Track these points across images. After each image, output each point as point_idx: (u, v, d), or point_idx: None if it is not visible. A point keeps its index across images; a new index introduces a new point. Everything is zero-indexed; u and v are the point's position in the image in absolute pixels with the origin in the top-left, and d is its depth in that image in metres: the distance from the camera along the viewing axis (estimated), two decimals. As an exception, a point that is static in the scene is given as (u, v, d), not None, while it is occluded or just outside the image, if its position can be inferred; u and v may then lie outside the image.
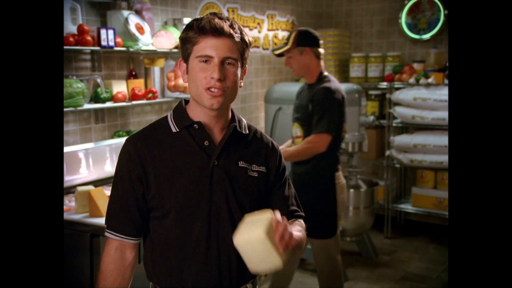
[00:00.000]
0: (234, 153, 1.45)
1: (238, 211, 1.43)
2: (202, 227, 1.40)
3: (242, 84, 1.46)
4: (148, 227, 1.47)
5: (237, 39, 1.38)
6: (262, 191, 1.49)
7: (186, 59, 1.42)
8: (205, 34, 1.36)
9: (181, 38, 1.42)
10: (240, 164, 1.45)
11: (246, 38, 1.41)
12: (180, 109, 1.48)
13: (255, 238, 1.22)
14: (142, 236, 1.51)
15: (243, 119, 1.54)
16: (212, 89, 1.36)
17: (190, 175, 1.40)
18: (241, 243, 1.26)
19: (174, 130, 1.44)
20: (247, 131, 1.51)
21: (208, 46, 1.36)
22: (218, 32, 1.35)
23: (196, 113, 1.44)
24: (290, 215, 1.54)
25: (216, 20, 1.36)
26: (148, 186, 1.40)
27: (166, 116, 1.49)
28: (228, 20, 1.39)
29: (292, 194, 1.58)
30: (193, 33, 1.37)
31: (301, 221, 1.56)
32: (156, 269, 1.46)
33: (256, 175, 1.47)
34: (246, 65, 1.47)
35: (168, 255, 1.43)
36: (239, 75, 1.41)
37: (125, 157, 1.42)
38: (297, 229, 1.43)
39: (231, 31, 1.37)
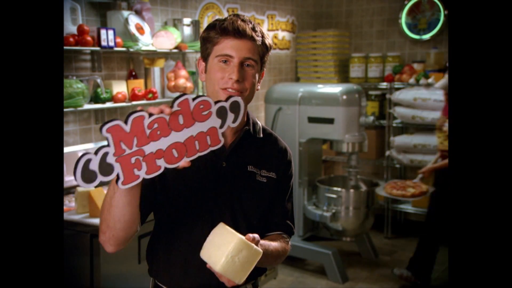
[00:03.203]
0: (244, 157, 1.44)
1: (242, 214, 1.43)
2: (205, 228, 1.40)
3: (259, 87, 1.45)
4: (146, 218, 1.46)
5: (258, 42, 1.37)
6: (270, 197, 1.48)
7: (205, 58, 1.42)
8: (227, 34, 1.36)
9: (201, 38, 1.42)
10: (249, 168, 1.44)
11: (267, 42, 1.41)
12: None
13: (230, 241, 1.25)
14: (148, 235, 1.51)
15: (258, 122, 1.53)
16: (229, 90, 1.36)
17: (197, 175, 1.39)
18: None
19: None
20: (261, 135, 1.50)
21: (228, 46, 1.35)
22: (240, 33, 1.35)
23: None
24: (280, 227, 1.53)
25: (239, 22, 1.36)
26: (153, 182, 1.40)
27: None
28: (251, 23, 1.38)
29: (290, 206, 1.56)
30: (215, 33, 1.37)
31: (288, 239, 1.54)
32: (158, 266, 1.47)
33: (265, 181, 1.46)
34: (264, 69, 1.46)
35: (170, 253, 1.44)
36: (257, 78, 1.41)
37: None
38: (274, 244, 1.44)
39: (253, 34, 1.36)
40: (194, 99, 1.19)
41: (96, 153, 1.09)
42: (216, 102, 1.22)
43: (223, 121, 1.24)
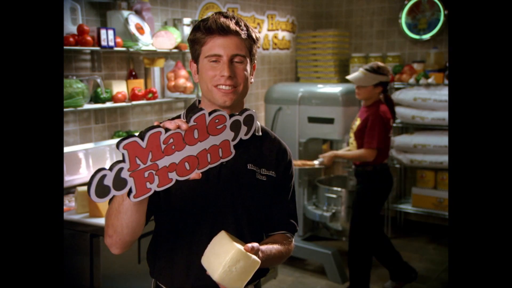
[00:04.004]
0: (244, 155, 1.44)
1: (243, 212, 1.43)
2: (206, 227, 1.40)
3: (252, 80, 1.47)
4: (149, 219, 1.47)
5: (244, 36, 1.38)
6: (271, 196, 1.48)
7: (196, 60, 1.43)
8: (212, 33, 1.37)
9: (189, 40, 1.44)
10: (248, 167, 1.44)
11: (253, 34, 1.42)
12: (193, 108, 1.49)
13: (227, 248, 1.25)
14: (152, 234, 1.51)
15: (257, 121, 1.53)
16: (223, 87, 1.37)
17: None
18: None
19: None
20: (260, 133, 1.50)
21: (216, 46, 1.37)
22: (224, 30, 1.36)
23: None
24: (283, 226, 1.52)
25: (222, 19, 1.37)
26: None
27: (180, 115, 1.50)
28: (234, 18, 1.39)
29: (292, 205, 1.56)
30: (201, 34, 1.38)
31: (291, 238, 1.53)
32: (160, 267, 1.47)
33: (265, 179, 1.46)
34: (255, 61, 1.47)
35: (172, 254, 1.44)
36: (248, 71, 1.42)
37: None
38: (277, 246, 1.42)
39: (237, 29, 1.37)
40: (210, 113, 1.19)
41: (111, 169, 1.09)
42: (231, 116, 1.23)
43: (236, 134, 1.25)
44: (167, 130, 1.14)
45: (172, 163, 1.16)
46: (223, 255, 1.24)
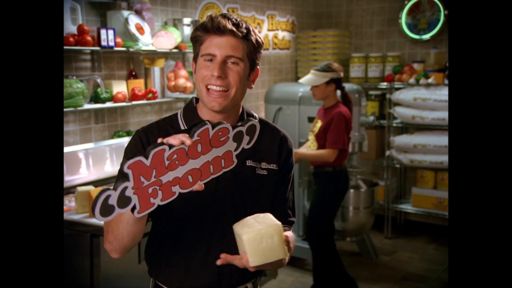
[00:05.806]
0: (242, 152, 1.41)
1: (243, 211, 1.42)
2: (205, 227, 1.40)
3: (253, 85, 1.45)
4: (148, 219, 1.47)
5: (241, 38, 1.36)
6: (272, 189, 1.47)
7: (195, 58, 1.42)
8: (209, 32, 1.36)
9: (190, 38, 1.43)
10: (247, 163, 1.43)
11: (254, 38, 1.38)
12: (191, 106, 1.47)
13: (270, 230, 1.26)
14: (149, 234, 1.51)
15: (254, 114, 1.51)
16: (213, 87, 1.35)
17: None
18: (252, 236, 1.26)
19: (182, 128, 1.43)
20: None
21: (212, 45, 1.35)
22: (220, 30, 1.34)
23: (204, 112, 1.43)
24: (283, 219, 1.49)
25: (219, 18, 1.36)
26: None
27: (177, 113, 1.49)
28: (233, 19, 1.37)
29: (291, 196, 1.56)
30: (200, 32, 1.38)
31: (290, 231, 1.52)
32: (159, 266, 1.47)
33: (266, 173, 1.45)
34: (258, 66, 1.44)
35: (170, 253, 1.44)
36: (245, 75, 1.39)
37: (132, 147, 1.42)
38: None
39: (235, 29, 1.35)
40: (213, 127, 1.20)
41: (115, 188, 1.10)
42: (234, 127, 1.23)
43: (239, 144, 1.26)
44: (171, 146, 1.15)
45: (175, 177, 1.17)
46: (263, 224, 1.27)
